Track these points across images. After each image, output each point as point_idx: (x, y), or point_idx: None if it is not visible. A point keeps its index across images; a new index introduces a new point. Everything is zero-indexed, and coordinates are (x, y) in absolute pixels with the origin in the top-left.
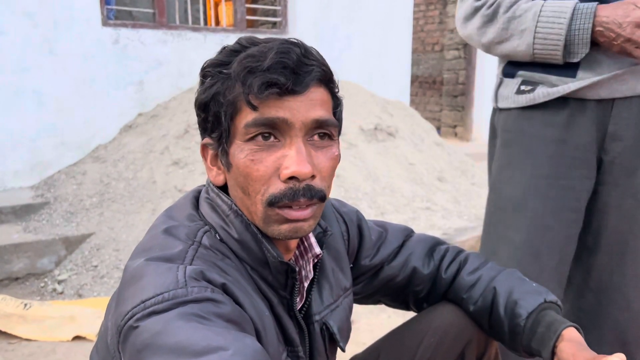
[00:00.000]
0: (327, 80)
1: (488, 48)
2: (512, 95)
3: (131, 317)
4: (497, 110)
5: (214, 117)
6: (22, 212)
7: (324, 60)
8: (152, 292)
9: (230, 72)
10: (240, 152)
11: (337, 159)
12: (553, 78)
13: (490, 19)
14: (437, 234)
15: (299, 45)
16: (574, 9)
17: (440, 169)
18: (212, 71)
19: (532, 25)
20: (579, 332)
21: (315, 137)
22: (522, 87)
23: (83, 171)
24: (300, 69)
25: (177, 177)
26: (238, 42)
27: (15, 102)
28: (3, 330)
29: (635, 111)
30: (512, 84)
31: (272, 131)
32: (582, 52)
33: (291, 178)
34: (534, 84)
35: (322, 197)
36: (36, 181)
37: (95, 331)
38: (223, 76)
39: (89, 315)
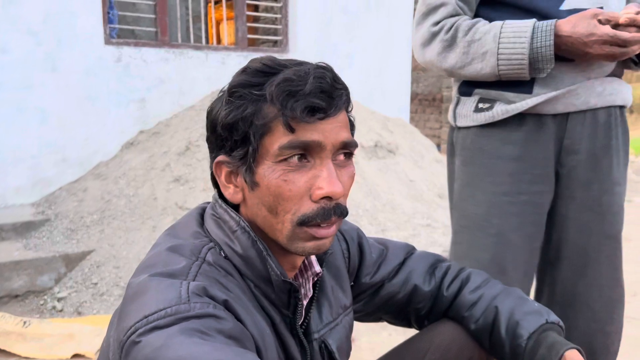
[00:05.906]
0: (348, 104)
1: (451, 73)
2: (471, 114)
3: (134, 332)
4: (455, 129)
5: (241, 137)
6: (22, 229)
7: (345, 84)
8: (154, 307)
9: (264, 93)
10: (272, 172)
11: (354, 176)
12: (510, 95)
13: (450, 43)
14: (437, 250)
15: (330, 70)
16: (533, 27)
17: (441, 186)
18: (242, 92)
19: (494, 47)
20: (581, 354)
21: (340, 157)
22: (480, 105)
23: (84, 188)
24: (334, 93)
25: (178, 194)
26: (262, 63)
27: (17, 119)
28: (2, 348)
29: (588, 124)
30: (469, 102)
31: (305, 152)
32: (548, 67)
33: (323, 197)
34: (491, 101)
35: (347, 214)
36: (37, 198)
37: (95, 349)
38: (254, 97)
39: (88, 333)
